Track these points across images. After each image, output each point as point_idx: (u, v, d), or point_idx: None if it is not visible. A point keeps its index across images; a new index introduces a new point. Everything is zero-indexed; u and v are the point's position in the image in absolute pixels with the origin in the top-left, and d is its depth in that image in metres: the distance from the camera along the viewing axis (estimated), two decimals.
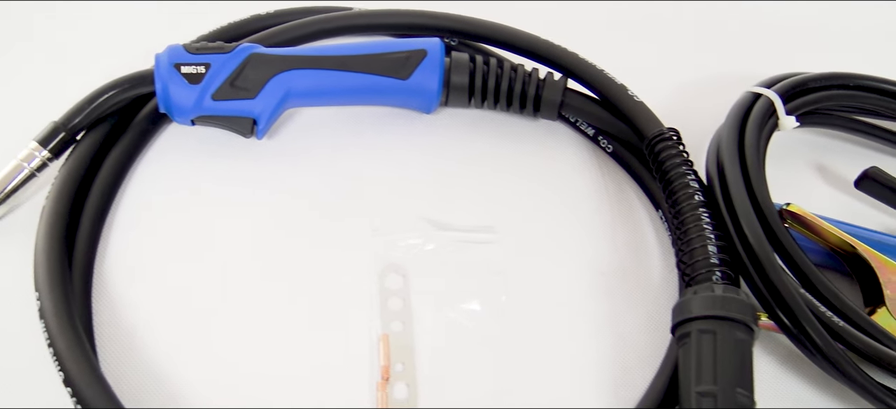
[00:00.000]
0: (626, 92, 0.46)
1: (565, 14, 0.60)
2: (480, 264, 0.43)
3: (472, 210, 0.45)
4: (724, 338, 0.36)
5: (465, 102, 0.48)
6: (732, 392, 0.34)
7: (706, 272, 0.38)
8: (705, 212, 0.40)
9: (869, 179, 0.47)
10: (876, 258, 0.41)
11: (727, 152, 0.44)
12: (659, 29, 0.60)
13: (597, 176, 0.48)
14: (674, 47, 0.59)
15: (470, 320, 0.41)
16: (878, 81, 0.47)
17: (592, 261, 0.44)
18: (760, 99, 0.46)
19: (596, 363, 0.40)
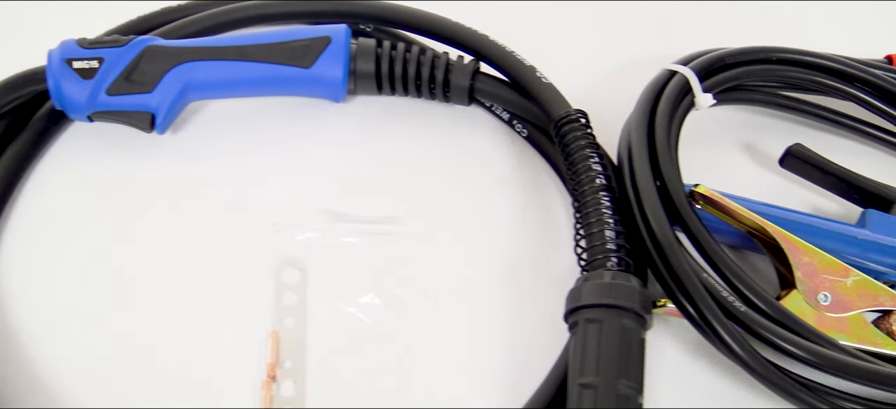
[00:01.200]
0: (535, 73, 0.44)
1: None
2: (381, 256, 0.42)
3: (380, 201, 0.44)
4: (610, 327, 0.34)
5: (375, 90, 0.46)
6: (614, 384, 0.33)
7: (602, 258, 0.37)
8: (606, 195, 0.39)
9: (792, 157, 0.45)
10: (787, 239, 0.40)
11: (635, 133, 0.42)
12: (591, 8, 0.58)
13: (511, 161, 0.46)
14: (606, 28, 0.57)
15: (366, 315, 0.40)
16: (799, 53, 0.45)
17: (500, 249, 0.43)
18: (675, 77, 0.44)
19: (497, 357, 0.39)
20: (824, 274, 0.39)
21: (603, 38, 0.56)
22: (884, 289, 0.39)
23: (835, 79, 0.46)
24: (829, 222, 0.42)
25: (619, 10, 0.57)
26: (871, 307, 0.39)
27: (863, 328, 0.39)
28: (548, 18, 0.57)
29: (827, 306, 0.39)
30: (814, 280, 0.39)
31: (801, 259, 0.39)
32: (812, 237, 0.41)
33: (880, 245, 0.41)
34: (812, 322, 0.38)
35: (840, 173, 0.44)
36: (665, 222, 0.38)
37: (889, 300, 0.39)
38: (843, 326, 0.39)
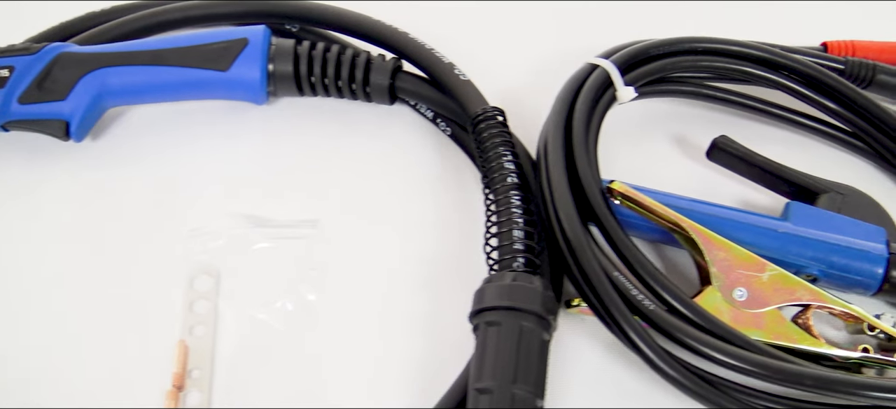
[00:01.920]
0: (453, 70, 0.44)
1: None
2: (297, 260, 0.41)
3: (301, 203, 0.44)
4: (509, 330, 0.34)
5: (296, 91, 0.46)
6: (509, 389, 0.32)
7: (509, 259, 0.37)
8: (517, 194, 0.38)
9: (718, 149, 0.45)
10: (702, 234, 0.39)
11: (551, 129, 0.41)
12: (527, 4, 0.57)
13: (435, 160, 0.46)
14: (542, 22, 0.56)
15: (278, 321, 0.39)
16: (724, 42, 0.45)
17: (420, 250, 0.42)
18: (596, 71, 0.43)
19: (410, 360, 0.39)
20: (740, 269, 0.38)
21: (539, 32, 0.55)
22: (800, 283, 0.38)
23: (761, 68, 0.45)
24: (751, 216, 0.41)
25: (556, 5, 0.56)
26: (788, 302, 0.38)
27: (779, 324, 0.38)
28: (485, 15, 0.56)
29: (743, 302, 0.38)
30: (730, 276, 0.38)
31: (717, 255, 0.39)
32: (732, 232, 0.40)
33: (801, 238, 0.40)
34: (727, 319, 0.38)
35: (765, 165, 0.44)
36: (575, 219, 0.38)
37: (806, 295, 0.38)
38: (759, 322, 0.38)
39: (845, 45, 0.50)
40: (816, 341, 0.38)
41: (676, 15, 0.56)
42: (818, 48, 0.50)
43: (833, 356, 0.38)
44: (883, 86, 0.49)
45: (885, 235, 0.40)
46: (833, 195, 0.42)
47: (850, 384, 0.34)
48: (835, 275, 0.40)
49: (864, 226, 0.41)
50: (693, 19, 0.55)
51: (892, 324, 0.39)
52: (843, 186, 0.43)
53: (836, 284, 0.40)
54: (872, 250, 0.40)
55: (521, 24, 0.55)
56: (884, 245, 0.40)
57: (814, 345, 0.38)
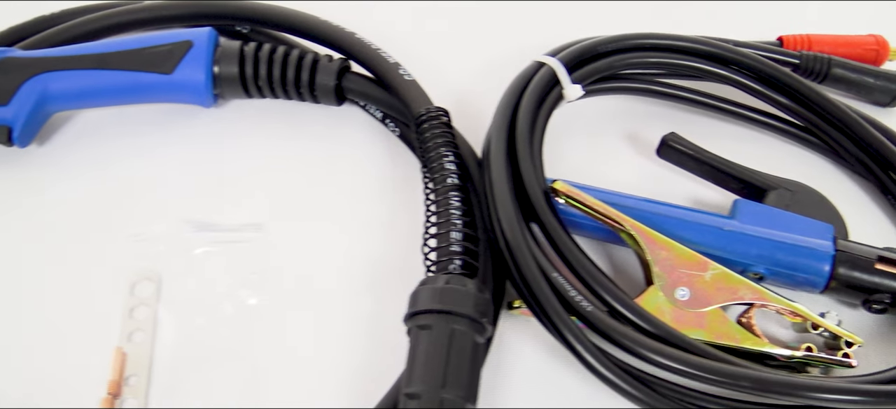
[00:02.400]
0: (397, 70, 0.43)
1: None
2: (239, 264, 0.41)
3: (248, 206, 0.43)
4: (439, 334, 0.33)
5: (243, 93, 0.45)
6: (437, 394, 0.32)
7: (445, 261, 0.36)
8: (457, 195, 0.38)
9: (667, 146, 0.44)
10: (644, 233, 0.38)
11: (495, 128, 0.41)
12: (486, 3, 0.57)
13: (383, 161, 0.45)
14: (500, 21, 0.55)
15: (219, 326, 0.39)
16: (673, 38, 0.44)
17: (365, 252, 0.42)
18: (542, 68, 0.43)
19: (352, 363, 0.38)
20: (682, 268, 0.38)
21: (494, 31, 0.54)
22: (743, 282, 0.38)
23: (710, 63, 0.45)
24: (697, 214, 0.40)
25: (511, 4, 0.56)
26: (731, 301, 0.38)
27: (721, 323, 0.37)
28: (441, 14, 0.55)
29: (685, 302, 0.38)
30: (672, 275, 0.38)
31: (659, 254, 0.38)
32: (678, 230, 0.40)
33: (746, 236, 0.39)
34: (669, 319, 0.37)
35: (714, 162, 0.43)
36: (514, 219, 0.37)
37: (749, 293, 0.38)
38: (702, 321, 0.37)
39: (801, 40, 0.49)
40: (759, 340, 0.37)
41: (634, 12, 0.56)
42: (774, 43, 0.50)
43: (776, 355, 0.37)
44: (838, 79, 0.48)
45: (832, 231, 0.40)
46: (782, 192, 0.42)
47: (788, 384, 0.33)
48: (781, 273, 0.39)
49: (811, 223, 0.40)
50: (651, 16, 0.55)
51: (837, 322, 0.38)
52: (792, 183, 0.42)
53: (783, 282, 0.40)
54: (818, 247, 0.39)
55: (476, 23, 0.55)
56: (830, 242, 0.39)
57: (756, 344, 0.37)
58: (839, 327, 0.38)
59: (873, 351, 0.40)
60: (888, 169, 0.44)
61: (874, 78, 0.48)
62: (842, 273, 0.39)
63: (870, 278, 0.39)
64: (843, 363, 0.37)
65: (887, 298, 0.38)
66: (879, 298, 0.39)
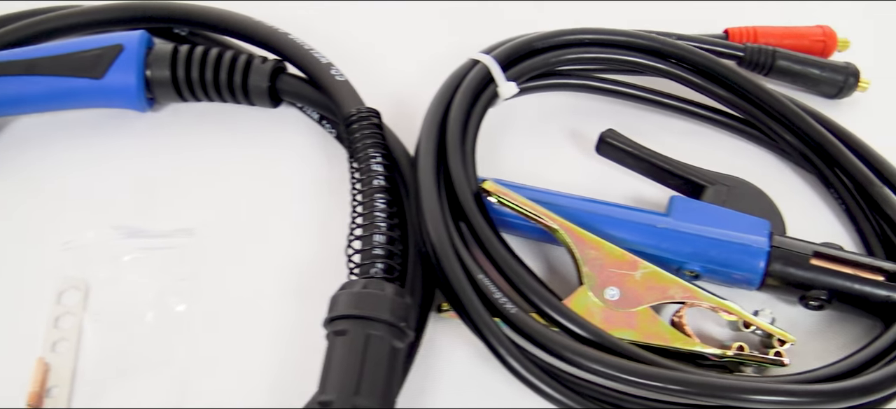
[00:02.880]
0: (329, 71, 0.43)
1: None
2: (168, 270, 0.40)
3: (182, 212, 0.43)
4: (355, 339, 0.33)
5: (177, 97, 0.45)
6: (350, 401, 0.31)
7: (367, 264, 0.35)
8: (383, 197, 0.37)
9: (605, 143, 0.44)
10: (574, 232, 0.38)
11: (424, 128, 0.40)
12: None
13: (320, 163, 0.45)
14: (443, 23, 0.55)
15: (145, 334, 0.38)
16: (610, 33, 0.43)
17: (298, 255, 0.41)
18: (476, 66, 0.42)
19: (281, 367, 0.38)
20: (612, 268, 0.37)
21: (438, 31, 0.54)
22: (674, 280, 0.37)
23: (648, 57, 0.44)
24: (631, 212, 0.40)
25: (456, 4, 0.55)
26: (661, 301, 0.37)
27: (651, 323, 0.37)
28: (385, 15, 0.55)
29: (615, 302, 0.37)
30: (601, 275, 0.37)
31: (589, 253, 0.38)
32: (611, 229, 0.39)
33: (680, 234, 0.39)
34: (598, 319, 0.37)
35: (651, 158, 0.43)
36: (440, 220, 0.37)
37: (679, 292, 0.37)
38: (632, 322, 0.37)
39: (747, 32, 0.49)
40: (689, 340, 0.37)
41: (585, 10, 0.55)
42: (720, 36, 0.49)
43: (707, 354, 0.37)
44: (783, 72, 0.47)
45: (768, 227, 0.39)
46: (719, 188, 0.41)
47: (712, 385, 0.33)
48: (716, 271, 0.39)
49: (747, 219, 0.39)
50: (602, 13, 0.54)
51: (770, 320, 0.37)
52: (730, 178, 0.42)
53: (719, 280, 0.39)
54: (753, 243, 0.38)
55: (421, 22, 0.54)
56: (766, 238, 0.39)
57: (686, 344, 0.36)
58: (772, 326, 0.37)
59: (811, 349, 0.39)
60: (830, 162, 0.43)
61: (820, 69, 0.47)
62: (776, 270, 0.38)
63: (805, 274, 0.38)
64: (774, 361, 0.37)
65: (824, 294, 0.38)
66: (816, 294, 0.38)
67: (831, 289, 0.38)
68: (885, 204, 0.41)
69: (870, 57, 0.51)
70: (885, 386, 0.33)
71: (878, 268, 0.38)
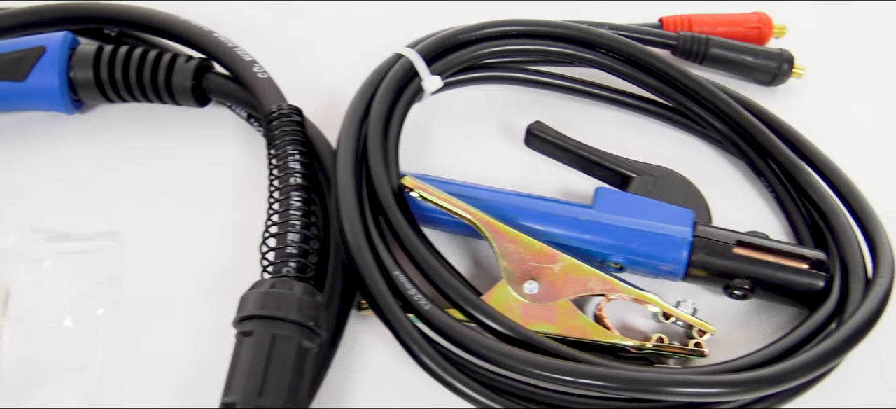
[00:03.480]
0: (252, 68, 0.42)
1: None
2: (89, 275, 0.40)
3: (105, 215, 0.42)
4: (260, 339, 0.32)
5: (102, 98, 0.44)
6: (254, 402, 0.31)
7: (280, 263, 0.35)
8: (299, 195, 0.37)
9: (532, 136, 0.43)
10: (491, 226, 0.37)
11: (345, 123, 0.40)
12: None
13: (248, 162, 0.44)
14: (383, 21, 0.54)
15: (64, 338, 0.38)
16: (534, 24, 0.43)
17: (220, 255, 0.41)
18: (400, 61, 0.42)
19: (199, 372, 0.37)
20: (531, 261, 0.37)
21: (376, 29, 0.53)
22: (593, 272, 0.37)
23: (575, 47, 0.43)
24: (555, 205, 0.39)
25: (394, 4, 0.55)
26: (581, 293, 0.37)
27: (570, 317, 0.36)
28: (325, 13, 0.54)
29: (534, 296, 0.37)
30: (520, 268, 0.37)
31: (507, 247, 0.37)
32: (534, 222, 0.39)
33: (602, 226, 0.38)
34: (517, 314, 0.36)
35: (577, 150, 0.42)
36: (356, 216, 0.36)
37: (599, 284, 0.37)
38: (551, 315, 0.36)
39: (682, 20, 0.48)
40: (609, 332, 0.36)
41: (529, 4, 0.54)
42: (655, 24, 0.49)
43: (627, 347, 0.36)
44: (717, 60, 0.47)
45: (692, 217, 0.39)
46: (646, 178, 0.41)
47: (625, 378, 0.32)
48: (639, 262, 0.38)
49: (671, 209, 0.39)
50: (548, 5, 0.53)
51: (692, 311, 0.37)
52: (657, 168, 0.41)
53: (643, 271, 0.39)
54: (676, 233, 0.38)
55: (360, 21, 0.54)
56: (689, 228, 0.38)
57: (606, 337, 0.36)
58: (692, 316, 0.37)
59: (736, 338, 0.39)
60: (758, 149, 0.42)
61: (753, 57, 0.47)
62: (700, 260, 0.38)
63: (728, 263, 0.38)
64: (694, 352, 0.36)
65: (747, 283, 0.37)
66: (739, 283, 0.38)
67: (754, 278, 0.37)
68: (812, 190, 0.41)
69: (807, 43, 0.50)
70: (800, 374, 0.33)
71: (801, 256, 0.37)
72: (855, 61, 0.52)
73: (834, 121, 0.48)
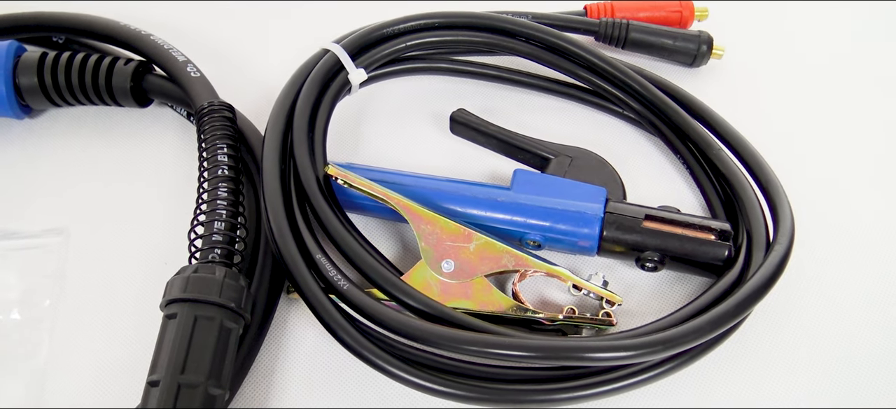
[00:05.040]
0: (185, 67, 0.44)
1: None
2: (36, 269, 0.42)
3: (53, 213, 0.44)
4: (183, 321, 0.34)
5: (48, 103, 0.46)
6: (176, 379, 0.33)
7: (206, 250, 0.37)
8: (226, 187, 0.39)
9: (455, 122, 0.45)
10: (409, 209, 0.39)
11: (272, 116, 0.42)
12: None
13: (187, 158, 0.46)
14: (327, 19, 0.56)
15: (12, 330, 0.40)
16: (454, 15, 0.45)
17: (164, 248, 0.43)
18: (326, 55, 0.44)
19: (138, 361, 0.39)
20: (448, 241, 0.39)
21: (318, 25, 0.55)
22: (506, 250, 0.39)
23: (498, 37, 0.45)
24: (475, 187, 0.41)
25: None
26: (495, 270, 0.39)
27: (486, 293, 0.38)
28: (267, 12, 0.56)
29: (450, 274, 0.39)
30: (438, 248, 0.39)
31: (424, 228, 0.39)
32: (454, 204, 0.40)
33: (518, 205, 0.40)
34: (436, 292, 0.38)
35: (497, 134, 0.44)
36: (279, 203, 0.38)
37: (511, 261, 0.39)
38: (467, 292, 0.38)
39: (604, 7, 0.50)
40: (523, 306, 0.38)
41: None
42: (579, 12, 0.50)
43: (540, 319, 0.38)
44: (637, 43, 0.49)
45: (605, 194, 0.41)
46: (562, 159, 0.43)
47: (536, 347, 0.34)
48: (555, 239, 0.40)
49: (585, 188, 0.41)
50: None
51: (602, 283, 0.39)
52: (573, 149, 0.43)
53: (560, 247, 0.41)
54: (587, 210, 0.40)
55: (295, 22, 0.56)
56: (601, 205, 0.40)
57: (518, 311, 0.38)
58: (601, 288, 0.39)
59: (649, 308, 0.40)
60: (673, 128, 0.44)
61: (672, 39, 0.49)
62: (611, 235, 0.40)
63: (638, 237, 0.39)
64: (603, 322, 0.38)
65: (656, 255, 0.39)
66: (649, 255, 0.39)
67: (662, 250, 0.39)
68: (723, 166, 0.42)
69: (728, 25, 0.52)
70: (694, 337, 0.34)
71: (707, 227, 0.39)
72: (773, 42, 0.54)
73: (752, 98, 0.50)
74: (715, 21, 0.52)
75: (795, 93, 0.51)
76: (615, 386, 0.35)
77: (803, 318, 0.40)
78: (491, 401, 0.35)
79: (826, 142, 0.48)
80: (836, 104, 0.50)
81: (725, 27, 0.52)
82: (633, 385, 0.36)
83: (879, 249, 0.43)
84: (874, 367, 0.38)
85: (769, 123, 0.48)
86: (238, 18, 0.56)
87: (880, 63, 0.53)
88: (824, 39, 0.54)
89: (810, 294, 0.41)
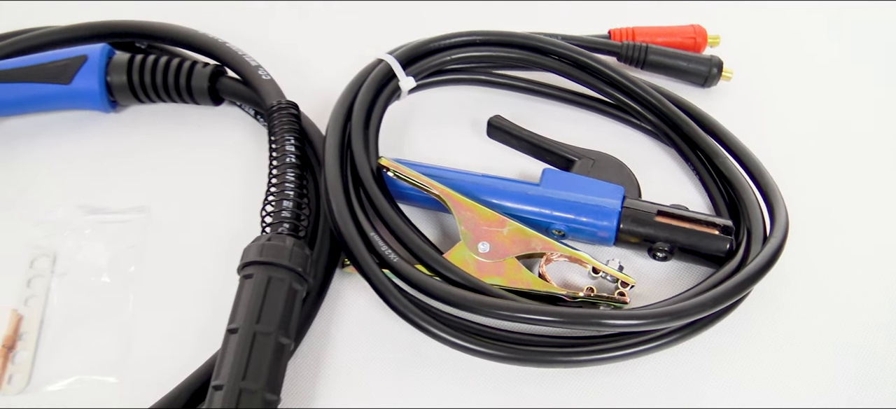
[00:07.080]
0: (257, 71, 0.50)
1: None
2: (122, 240, 0.48)
3: (136, 194, 0.51)
4: (259, 280, 0.40)
5: (134, 99, 0.53)
6: (252, 326, 0.38)
7: (275, 223, 0.43)
8: (293, 172, 0.45)
9: (492, 127, 0.51)
10: (452, 197, 0.45)
11: (333, 114, 0.48)
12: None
13: (256, 150, 0.53)
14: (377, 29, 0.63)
15: (102, 290, 0.46)
16: (495, 34, 0.51)
17: (227, 227, 0.49)
18: (380, 64, 0.50)
19: (207, 318, 0.45)
20: (484, 226, 0.45)
21: (370, 35, 0.62)
22: (535, 235, 0.45)
23: (530, 54, 0.51)
24: (510, 183, 0.47)
25: (377, 6, 0.63)
26: (525, 252, 0.44)
27: (516, 271, 0.44)
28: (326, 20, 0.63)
29: (486, 254, 0.44)
30: (475, 232, 0.45)
31: (464, 214, 0.45)
32: (491, 196, 0.46)
33: (547, 199, 0.46)
34: (472, 268, 0.44)
35: (530, 138, 0.50)
36: (339, 188, 0.44)
37: (540, 244, 0.44)
38: (500, 270, 0.44)
39: (627, 32, 0.56)
40: (548, 284, 0.44)
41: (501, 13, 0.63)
42: (603, 35, 0.56)
43: (562, 296, 0.44)
44: (655, 65, 0.55)
45: (622, 192, 0.46)
46: (585, 161, 0.48)
47: (555, 313, 0.39)
48: (577, 229, 0.46)
49: (606, 186, 0.46)
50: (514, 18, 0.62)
51: (618, 267, 0.45)
52: (596, 153, 0.49)
53: (581, 237, 0.46)
54: (607, 205, 0.45)
55: (354, 27, 0.62)
56: (619, 201, 0.46)
57: (544, 288, 0.44)
58: (618, 271, 0.44)
59: (658, 293, 0.46)
60: (685, 139, 0.50)
61: (686, 62, 0.55)
62: (627, 227, 0.45)
63: (650, 230, 0.45)
64: (617, 300, 0.44)
65: (666, 246, 0.45)
66: (660, 246, 0.45)
67: (672, 242, 0.45)
68: (728, 172, 0.48)
69: (737, 51, 0.58)
70: (696, 311, 0.40)
71: (712, 223, 0.45)
72: (776, 67, 0.60)
73: (756, 115, 0.56)
74: (726, 46, 0.58)
75: (793, 111, 0.57)
76: (627, 352, 0.41)
77: (797, 304, 0.45)
78: (519, 361, 0.40)
79: (819, 152, 0.53)
80: (827, 116, 0.56)
81: (735, 53, 0.58)
82: (642, 352, 0.41)
83: (873, 247, 0.48)
84: (865, 355, 0.43)
85: (771, 135, 0.54)
86: (297, 30, 0.62)
87: (873, 87, 0.58)
88: (818, 63, 0.60)
89: (803, 282, 0.46)
